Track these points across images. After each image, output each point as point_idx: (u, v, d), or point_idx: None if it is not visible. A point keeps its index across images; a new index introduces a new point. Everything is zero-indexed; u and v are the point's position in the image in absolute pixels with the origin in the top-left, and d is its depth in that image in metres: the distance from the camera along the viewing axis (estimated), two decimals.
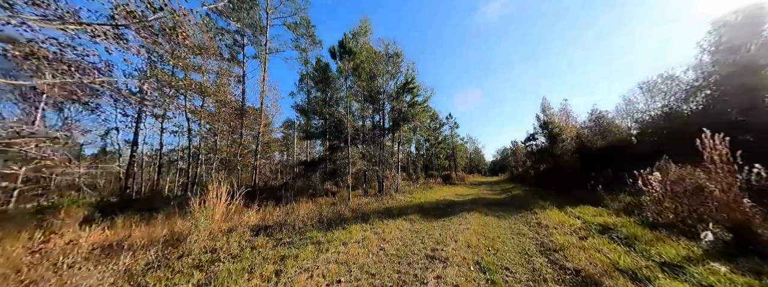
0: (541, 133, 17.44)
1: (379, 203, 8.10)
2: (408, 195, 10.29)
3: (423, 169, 24.07)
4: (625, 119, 15.79)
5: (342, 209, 6.24)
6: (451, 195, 10.19)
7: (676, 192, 3.87)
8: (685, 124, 10.86)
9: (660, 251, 2.81)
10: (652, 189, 4.05)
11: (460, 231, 4.27)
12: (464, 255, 3.06)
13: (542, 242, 3.54)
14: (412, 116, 11.18)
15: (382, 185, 11.17)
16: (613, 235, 3.58)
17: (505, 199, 8.54)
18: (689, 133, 10.18)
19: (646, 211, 4.18)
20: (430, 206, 7.34)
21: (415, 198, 9.29)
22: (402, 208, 6.94)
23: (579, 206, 5.96)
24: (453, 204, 7.59)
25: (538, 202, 7.04)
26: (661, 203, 3.94)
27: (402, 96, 11.52)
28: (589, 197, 6.70)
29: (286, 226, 4.70)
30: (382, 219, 5.29)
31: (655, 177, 4.00)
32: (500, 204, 7.36)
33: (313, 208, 6.39)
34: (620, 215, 4.69)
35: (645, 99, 15.05)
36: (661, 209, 3.91)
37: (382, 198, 9.19)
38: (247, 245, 3.66)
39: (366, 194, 10.51)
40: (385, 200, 8.63)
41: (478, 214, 5.70)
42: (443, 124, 24.15)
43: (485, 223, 4.83)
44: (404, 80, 11.22)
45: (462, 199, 8.98)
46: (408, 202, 8.29)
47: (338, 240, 3.78)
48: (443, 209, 6.60)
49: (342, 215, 5.79)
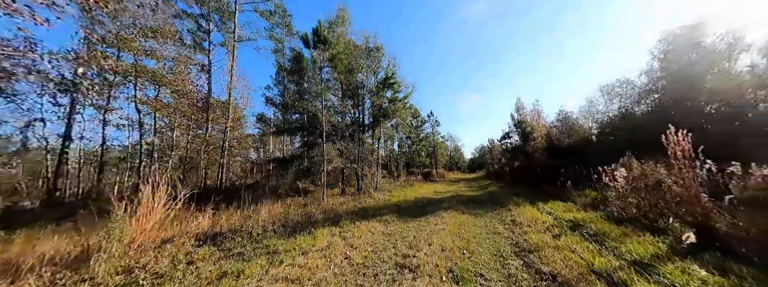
0: (516, 132, 18.23)
1: (355, 202, 7.65)
2: (387, 194, 9.97)
3: (405, 166, 24.05)
4: (587, 119, 17.02)
5: (312, 211, 5.70)
6: (430, 193, 10.08)
7: (638, 188, 3.97)
8: (638, 124, 11.93)
9: (630, 248, 2.76)
10: (618, 185, 4.12)
11: (435, 231, 4.00)
12: (437, 261, 2.75)
13: (517, 242, 3.38)
14: (392, 113, 10.82)
15: (361, 183, 10.72)
16: (583, 232, 3.54)
17: (482, 196, 8.60)
18: (642, 132, 11.10)
19: (611, 206, 4.27)
20: (407, 205, 7.07)
21: (394, 197, 9.00)
22: (379, 208, 6.58)
23: (550, 202, 6.07)
24: (431, 202, 7.41)
25: (512, 198, 7.12)
26: (625, 198, 4.02)
27: (382, 92, 11.11)
28: (559, 193, 6.91)
29: (241, 233, 4.07)
30: (355, 220, 4.87)
31: (620, 173, 4.06)
32: (477, 201, 7.33)
33: (280, 210, 5.75)
34: (587, 210, 4.78)
35: (604, 101, 16.34)
36: (625, 204, 3.98)
37: (359, 197, 8.75)
38: (184, 259, 3.01)
39: (343, 193, 9.99)
40: (362, 200, 8.20)
41: (454, 213, 5.52)
42: (425, 122, 24.28)
43: (461, 222, 4.64)
44: (385, 75, 10.81)
45: (440, 197, 8.87)
46: (386, 201, 7.95)
47: (298, 249, 3.28)
48: (421, 208, 6.36)
49: (312, 217, 5.25)
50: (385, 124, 12.17)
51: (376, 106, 11.20)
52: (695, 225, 2.86)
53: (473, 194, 9.35)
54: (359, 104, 11.02)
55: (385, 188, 11.64)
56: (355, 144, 10.70)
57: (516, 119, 17.93)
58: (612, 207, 4.20)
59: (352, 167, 10.47)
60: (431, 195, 9.27)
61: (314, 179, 12.19)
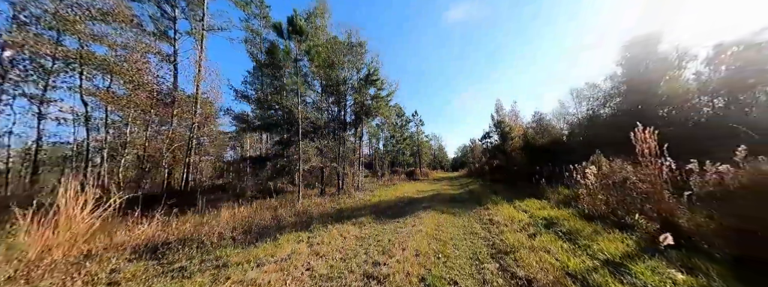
0: (495, 131, 18.86)
1: (333, 203, 7.24)
2: (369, 193, 9.66)
3: (389, 165, 23.90)
4: (559, 120, 18.03)
5: (283, 214, 5.21)
6: (412, 192, 9.94)
7: (606, 185, 4.06)
8: (603, 125, 12.81)
9: (601, 247, 2.71)
10: (588, 182, 4.19)
11: (412, 234, 3.77)
12: (410, 269, 2.50)
13: (494, 242, 3.25)
14: (374, 110, 10.51)
15: (342, 183, 10.30)
16: (557, 230, 3.50)
17: (463, 194, 8.61)
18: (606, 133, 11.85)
19: (582, 203, 4.34)
20: (387, 205, 6.82)
21: (375, 196, 8.71)
22: (357, 208, 6.25)
23: (526, 200, 6.16)
24: (412, 202, 7.23)
25: (491, 197, 7.16)
26: (595, 195, 4.08)
27: (365, 89, 10.75)
28: (534, 191, 7.08)
29: (193, 242, 3.52)
30: (328, 223, 4.49)
31: (591, 171, 4.12)
32: (457, 200, 7.28)
33: (246, 214, 5.18)
34: (560, 207, 4.86)
35: (575, 104, 17.40)
36: (595, 201, 4.05)
37: (338, 198, 8.35)
38: (105, 279, 2.45)
39: (323, 194, 9.51)
40: (341, 200, 7.81)
41: (434, 212, 5.36)
42: (409, 121, 24.29)
43: (440, 223, 4.47)
44: (367, 72, 10.45)
45: (422, 196, 8.75)
46: (366, 201, 7.63)
47: (254, 260, 2.86)
48: (401, 209, 6.14)
49: (281, 221, 4.78)
50: (368, 122, 11.82)
51: (359, 103, 10.82)
52: (660, 221, 2.90)
53: (454, 192, 9.36)
54: (341, 100, 10.57)
55: (368, 188, 11.32)
56: (335, 142, 10.24)
57: (495, 119, 18.54)
58: (583, 204, 4.26)
59: (333, 166, 10.01)
60: (413, 194, 9.12)
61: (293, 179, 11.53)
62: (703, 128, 9.75)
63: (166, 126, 11.92)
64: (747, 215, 2.32)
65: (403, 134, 22.96)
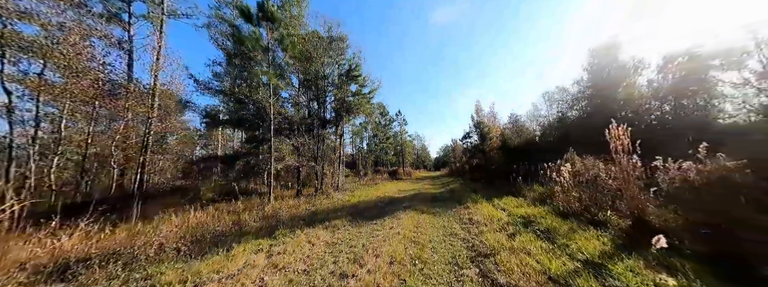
0: (475, 132, 19.43)
1: (308, 205, 6.71)
2: (348, 194, 9.21)
3: (373, 165, 23.53)
4: (532, 122, 19.03)
5: (246, 219, 4.61)
6: (393, 191, 9.69)
7: (580, 182, 4.11)
8: (571, 126, 13.71)
9: (580, 246, 2.63)
10: (563, 180, 4.22)
11: (389, 237, 3.45)
12: (381, 280, 2.17)
13: (474, 244, 3.05)
14: (355, 107, 10.07)
15: (321, 183, 9.72)
16: (535, 229, 3.42)
17: (443, 194, 8.54)
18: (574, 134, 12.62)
19: (556, 200, 4.37)
20: (366, 205, 6.46)
21: (355, 197, 8.30)
22: (333, 210, 5.80)
23: (504, 198, 6.19)
24: (392, 202, 6.95)
25: (470, 195, 7.13)
26: (569, 193, 4.11)
27: (346, 85, 10.26)
28: (511, 189, 7.20)
29: (123, 257, 2.86)
30: (298, 228, 4.02)
31: (566, 169, 4.14)
32: (437, 199, 7.15)
33: (202, 220, 4.49)
34: (536, 205, 4.89)
35: (546, 106, 18.48)
36: (569, 198, 4.07)
37: (315, 199, 7.80)
38: None
39: (299, 195, 8.87)
40: (317, 201, 7.29)
41: (413, 213, 5.11)
42: (393, 120, 24.13)
43: (419, 223, 4.22)
44: (348, 67, 9.97)
45: (403, 195, 8.52)
46: (344, 202, 7.20)
47: (193, 278, 2.33)
48: (380, 209, 5.81)
49: (243, 227, 4.19)
50: (349, 120, 11.34)
51: (339, 100, 10.30)
52: (632, 218, 2.90)
53: (435, 191, 9.28)
54: (320, 96, 9.97)
55: (348, 188, 10.86)
56: (314, 140, 9.64)
57: (475, 120, 19.07)
58: (557, 202, 4.29)
59: (310, 165, 9.39)
60: (394, 194, 8.86)
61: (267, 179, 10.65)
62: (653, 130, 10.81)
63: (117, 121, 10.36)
64: (711, 210, 2.34)
65: (386, 134, 22.72)
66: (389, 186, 12.17)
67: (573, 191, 4.03)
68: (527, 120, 18.88)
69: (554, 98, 17.22)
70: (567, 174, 4.12)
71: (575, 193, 3.98)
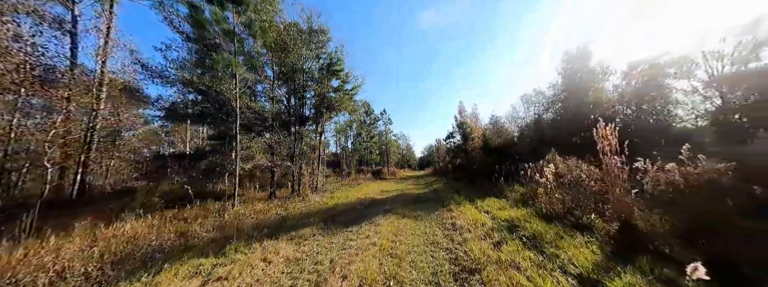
0: (458, 132, 19.67)
1: (279, 209, 6.03)
2: (327, 195, 8.60)
3: (357, 164, 22.91)
4: (511, 123, 19.68)
5: (197, 229, 3.87)
6: (375, 192, 9.24)
7: (561, 184, 3.98)
8: (546, 128, 14.31)
9: (570, 255, 2.38)
10: (546, 181, 4.07)
11: (363, 249, 3.00)
12: None
13: (457, 256, 2.70)
14: (337, 104, 9.43)
15: (298, 184, 8.98)
16: (521, 235, 3.18)
17: (427, 194, 8.27)
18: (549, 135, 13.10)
19: (539, 202, 4.22)
20: (344, 208, 5.94)
21: (334, 199, 7.73)
22: (306, 215, 5.21)
23: (486, 199, 6.04)
24: (373, 204, 6.50)
25: (453, 196, 6.92)
26: (552, 194, 3.97)
27: (326, 80, 9.58)
28: (493, 189, 7.11)
29: None
30: (257, 240, 3.41)
31: (550, 170, 3.99)
32: (420, 201, 6.83)
33: (137, 232, 3.66)
34: (519, 206, 4.74)
35: (524, 108, 19.20)
36: (552, 200, 3.92)
37: (290, 201, 7.11)
38: None
39: (273, 197, 8.08)
40: (291, 205, 6.61)
41: (394, 218, 4.70)
42: (377, 119, 23.68)
43: (399, 230, 3.81)
44: (329, 60, 9.31)
45: (385, 196, 8.11)
46: (321, 205, 6.61)
47: None
48: (358, 213, 5.33)
49: (189, 240, 3.48)
50: (330, 117, 10.66)
51: (319, 95, 9.60)
52: (619, 222, 2.74)
53: (419, 192, 9.00)
54: (298, 91, 9.19)
55: (328, 189, 10.21)
56: (290, 138, 8.86)
57: (458, 120, 19.29)
58: (540, 204, 4.14)
59: (286, 165, 8.62)
60: (376, 195, 8.42)
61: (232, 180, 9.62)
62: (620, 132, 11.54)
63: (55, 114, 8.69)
64: (700, 213, 2.19)
65: (371, 133, 22.19)
66: (372, 186, 11.71)
67: (556, 193, 3.88)
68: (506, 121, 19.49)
69: (532, 100, 17.91)
70: (550, 175, 3.97)
71: (558, 195, 3.84)
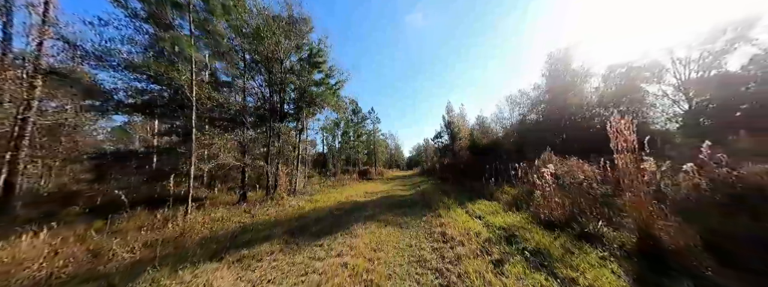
0: (446, 132, 19.44)
1: (245, 215, 5.15)
2: (306, 198, 7.75)
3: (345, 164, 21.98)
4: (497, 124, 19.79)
5: (114, 249, 2.94)
6: (359, 194, 8.53)
7: (561, 186, 3.54)
8: (531, 129, 14.38)
9: (590, 280, 1.85)
10: (544, 183, 3.61)
11: (329, 274, 2.29)
12: None
13: (449, 281, 2.09)
14: (318, 99, 8.59)
15: (274, 186, 8.04)
16: (522, 248, 2.64)
17: (414, 196, 7.69)
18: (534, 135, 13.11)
19: (535, 206, 3.76)
20: (320, 214, 5.18)
21: (312, 202, 6.91)
22: (273, 224, 4.39)
23: (477, 202, 5.56)
24: (354, 209, 5.79)
25: (442, 198, 6.40)
26: (551, 199, 3.51)
27: (307, 72, 8.71)
28: (483, 190, 6.68)
29: None
30: (190, 264, 2.58)
31: (548, 170, 3.53)
32: (406, 204, 6.23)
33: (29, 254, 2.68)
34: (513, 210, 4.27)
35: (509, 109, 19.36)
36: (551, 204, 3.46)
37: (260, 206, 6.21)
38: None
39: (243, 201, 7.10)
40: (261, 210, 5.73)
41: (375, 226, 4.04)
42: (366, 118, 22.90)
43: (379, 243, 3.15)
44: (310, 51, 8.45)
45: (369, 199, 7.43)
46: (295, 210, 5.79)
47: None
48: (335, 220, 4.61)
49: (96, 266, 2.57)
50: (312, 113, 9.77)
51: (299, 89, 8.71)
52: (638, 233, 2.27)
53: (405, 194, 8.40)
54: (274, 84, 8.24)
55: (308, 191, 9.33)
56: (265, 135, 7.90)
57: (446, 120, 19.05)
58: (537, 208, 3.67)
59: (259, 165, 7.65)
60: (359, 198, 7.71)
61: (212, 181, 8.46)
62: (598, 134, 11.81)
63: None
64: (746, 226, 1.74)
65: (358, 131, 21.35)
66: (357, 188, 10.97)
67: (556, 196, 3.41)
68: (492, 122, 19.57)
69: (516, 101, 18.05)
70: (548, 176, 3.51)
71: (558, 199, 3.38)
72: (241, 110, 7.20)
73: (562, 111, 12.85)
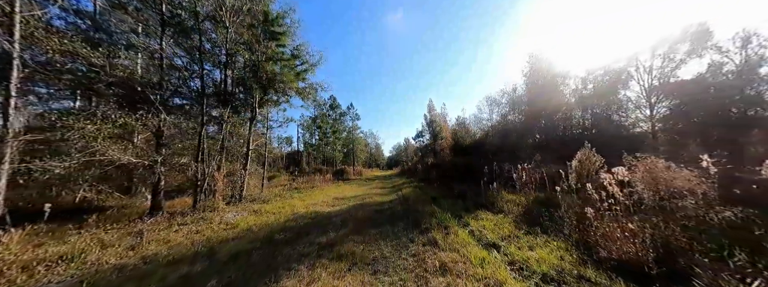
0: (428, 130, 18.33)
1: (128, 247, 2.98)
2: (254, 207, 5.62)
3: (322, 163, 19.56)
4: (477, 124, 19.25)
5: None
6: (327, 201, 6.62)
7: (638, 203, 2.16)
8: (511, 129, 13.84)
9: None
10: (601, 197, 2.20)
11: None
12: None
13: None
14: (277, 78, 6.44)
15: (211, 191, 5.72)
16: None
17: (394, 204, 6.02)
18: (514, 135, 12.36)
19: (585, 233, 2.36)
20: (255, 240, 3.23)
21: (257, 215, 4.86)
22: (142, 274, 2.35)
23: (477, 214, 4.11)
24: (310, 227, 3.92)
25: (430, 208, 4.84)
26: (623, 224, 2.09)
27: (262, 43, 6.52)
28: (479, 197, 5.32)
29: None
30: None
31: (618, 175, 2.10)
32: (384, 217, 4.53)
33: None
34: (533, 231, 2.88)
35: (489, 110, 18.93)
36: (614, 233, 2.05)
37: (167, 224, 4.00)
38: None
39: (154, 212, 4.75)
40: (164, 233, 3.56)
41: (334, 267, 2.26)
42: (344, 114, 20.75)
43: None
44: (264, 16, 6.28)
45: (337, 208, 5.58)
46: (219, 233, 3.73)
47: None
48: (269, 254, 2.72)
49: None
50: (267, 98, 7.52)
51: (252, 65, 6.48)
52: None
53: (383, 200, 6.70)
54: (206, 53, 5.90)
55: (263, 197, 7.11)
56: (197, 123, 5.57)
57: (428, 118, 17.96)
58: (588, 236, 2.27)
59: (181, 163, 5.31)
60: (325, 206, 5.81)
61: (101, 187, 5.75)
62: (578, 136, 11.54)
63: None
64: None
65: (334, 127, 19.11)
66: (328, 191, 8.98)
67: (629, 221, 2.01)
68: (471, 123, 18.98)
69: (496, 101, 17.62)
70: (614, 187, 2.10)
71: (634, 225, 1.97)
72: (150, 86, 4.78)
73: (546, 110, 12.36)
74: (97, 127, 3.75)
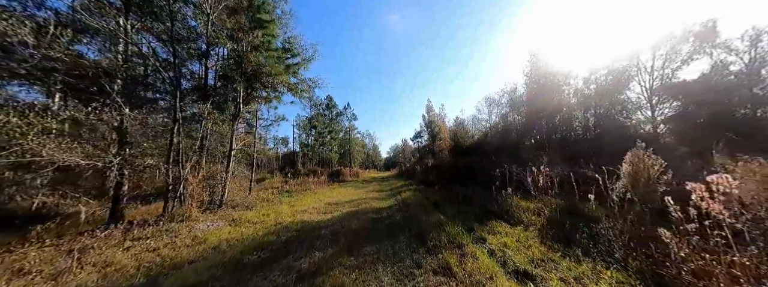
0: (426, 131, 17.74)
1: (50, 275, 2.21)
2: (234, 215, 4.86)
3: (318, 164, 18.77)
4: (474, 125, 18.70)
5: None
6: (319, 206, 5.88)
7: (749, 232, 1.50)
8: (511, 129, 13.31)
9: None
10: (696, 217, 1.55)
11: None
12: None
13: None
14: (261, 69, 5.72)
15: (184, 197, 4.95)
16: None
17: (393, 210, 5.32)
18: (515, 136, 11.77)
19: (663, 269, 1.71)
20: (226, 258, 2.50)
21: (235, 226, 4.11)
22: None
23: (492, 226, 3.44)
24: (293, 245, 3.19)
25: (435, 217, 4.16)
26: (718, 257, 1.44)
27: (248, 33, 5.79)
28: (490, 204, 4.66)
29: None
30: None
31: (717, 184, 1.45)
32: (383, 229, 3.83)
33: None
34: (571, 253, 2.22)
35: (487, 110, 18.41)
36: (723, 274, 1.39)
37: (122, 238, 3.24)
38: None
39: (119, 223, 3.97)
40: (110, 251, 2.80)
41: None
42: (341, 114, 20.02)
43: None
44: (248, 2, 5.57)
45: (331, 216, 4.85)
46: (181, 251, 2.98)
47: None
48: (237, 280, 2.01)
49: None
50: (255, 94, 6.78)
51: (235, 55, 5.75)
52: None
53: (381, 205, 5.98)
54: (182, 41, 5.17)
55: (246, 202, 6.33)
56: (172, 118, 4.80)
57: (426, 119, 17.39)
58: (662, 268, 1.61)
59: (147, 165, 4.54)
60: (315, 214, 5.08)
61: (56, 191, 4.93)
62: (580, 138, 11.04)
63: None
64: None
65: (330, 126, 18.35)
66: (321, 195, 8.23)
67: (743, 256, 1.35)
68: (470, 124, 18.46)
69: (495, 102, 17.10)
70: (712, 204, 1.44)
71: (750, 261, 1.31)
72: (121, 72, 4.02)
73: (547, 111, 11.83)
74: (27, 121, 2.97)
